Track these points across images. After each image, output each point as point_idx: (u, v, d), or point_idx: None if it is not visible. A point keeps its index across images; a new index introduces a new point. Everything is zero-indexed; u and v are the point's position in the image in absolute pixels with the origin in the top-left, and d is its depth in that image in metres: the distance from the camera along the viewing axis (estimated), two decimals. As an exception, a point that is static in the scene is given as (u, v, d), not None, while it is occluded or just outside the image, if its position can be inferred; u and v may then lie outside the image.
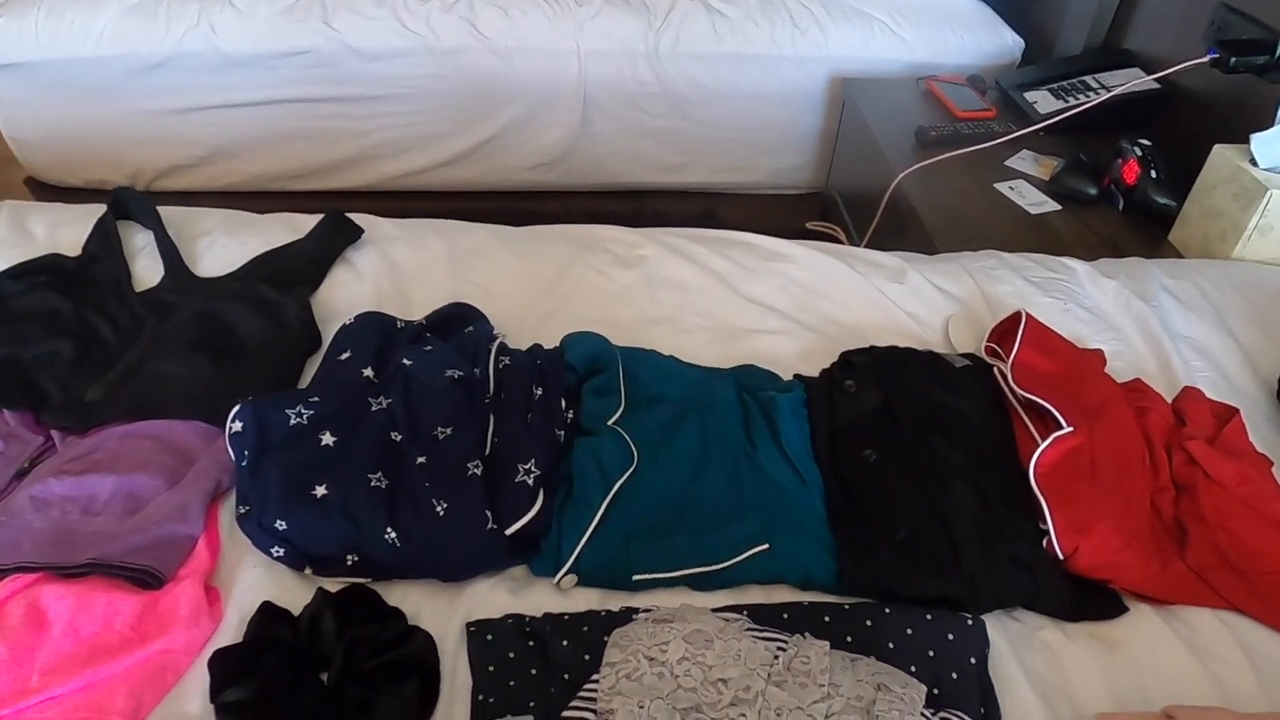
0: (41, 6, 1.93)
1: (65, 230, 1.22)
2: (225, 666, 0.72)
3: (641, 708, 0.67)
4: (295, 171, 2.20)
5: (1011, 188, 1.69)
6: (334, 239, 1.23)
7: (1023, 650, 0.81)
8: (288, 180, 2.21)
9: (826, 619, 0.79)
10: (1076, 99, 1.81)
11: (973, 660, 0.78)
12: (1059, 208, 1.63)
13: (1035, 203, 1.65)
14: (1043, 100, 1.86)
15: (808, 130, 2.29)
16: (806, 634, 0.75)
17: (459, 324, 1.08)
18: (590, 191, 2.34)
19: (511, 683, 0.75)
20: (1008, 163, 1.76)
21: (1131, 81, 1.75)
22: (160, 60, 1.97)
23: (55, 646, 0.72)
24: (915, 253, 1.35)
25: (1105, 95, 1.74)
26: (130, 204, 1.24)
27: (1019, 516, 0.88)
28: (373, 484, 0.85)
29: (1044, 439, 0.91)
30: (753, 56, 2.13)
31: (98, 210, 1.24)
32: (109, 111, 2.05)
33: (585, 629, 0.78)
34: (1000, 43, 2.19)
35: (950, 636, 0.78)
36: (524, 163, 2.25)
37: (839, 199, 2.20)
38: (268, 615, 0.77)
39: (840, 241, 2.05)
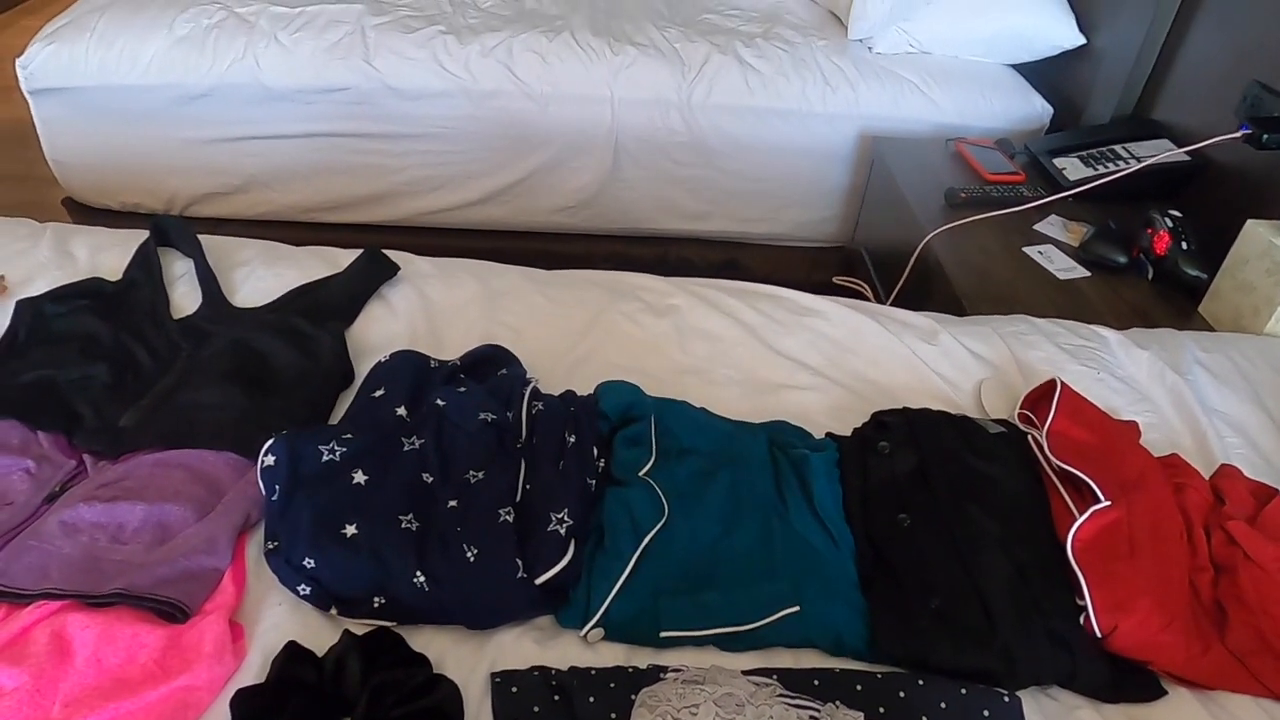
0: (94, 34, 1.98)
1: (106, 254, 1.24)
2: (247, 706, 0.71)
3: (671, 772, 0.66)
4: (326, 204, 2.22)
5: (1040, 252, 1.69)
6: (370, 275, 1.24)
7: (1058, 730, 0.79)
8: (318, 212, 2.23)
9: (859, 687, 0.78)
10: (1106, 167, 1.82)
11: (1008, 738, 0.76)
12: (1088, 274, 1.63)
13: (1064, 268, 1.65)
14: (1072, 167, 1.87)
15: (835, 185, 2.30)
16: (839, 703, 0.73)
17: (492, 366, 1.08)
18: (615, 235, 2.36)
19: (536, 738, 0.73)
20: (1036, 227, 1.76)
21: (1162, 153, 1.77)
22: (204, 90, 2.01)
23: (79, 678, 0.71)
24: (944, 313, 1.35)
25: (1137, 165, 1.75)
26: (171, 231, 1.26)
27: (1056, 590, 0.86)
28: (403, 525, 0.84)
29: (1080, 511, 0.90)
30: (783, 111, 2.16)
31: (139, 235, 1.25)
32: (150, 138, 2.08)
33: (612, 685, 0.76)
34: (1029, 108, 2.22)
35: (986, 713, 0.76)
36: (552, 205, 2.27)
37: (865, 255, 2.21)
38: (292, 656, 0.76)
39: (866, 298, 2.05)
